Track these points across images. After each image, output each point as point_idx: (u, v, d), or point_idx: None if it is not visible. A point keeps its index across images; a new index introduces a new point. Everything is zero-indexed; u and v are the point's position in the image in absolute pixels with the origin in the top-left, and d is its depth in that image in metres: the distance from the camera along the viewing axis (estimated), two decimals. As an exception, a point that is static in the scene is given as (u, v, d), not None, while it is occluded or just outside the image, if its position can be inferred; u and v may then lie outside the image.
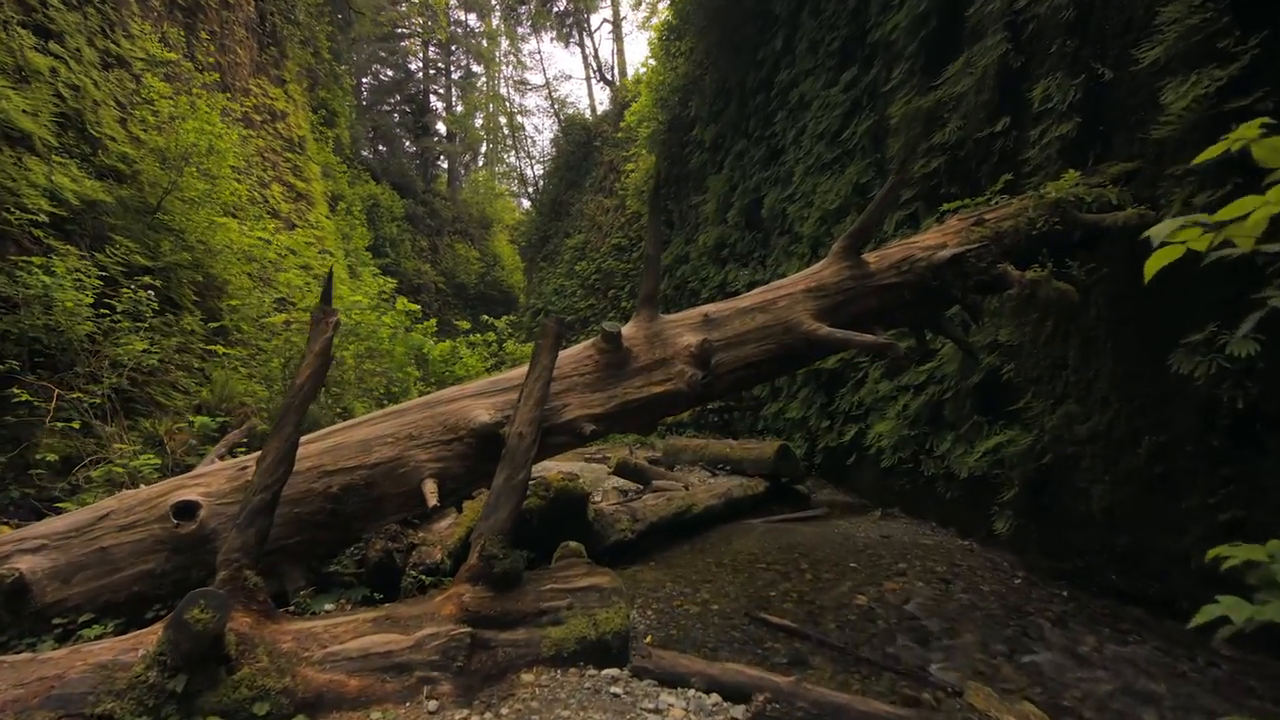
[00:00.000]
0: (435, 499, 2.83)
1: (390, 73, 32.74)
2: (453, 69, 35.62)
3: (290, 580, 2.76)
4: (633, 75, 24.92)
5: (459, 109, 35.39)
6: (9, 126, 5.57)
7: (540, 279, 25.21)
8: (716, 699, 2.52)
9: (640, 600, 3.87)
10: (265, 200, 11.97)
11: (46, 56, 6.41)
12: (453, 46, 34.92)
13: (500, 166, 38.85)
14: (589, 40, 31.78)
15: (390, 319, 8.98)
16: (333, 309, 2.73)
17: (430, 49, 34.09)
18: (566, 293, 21.68)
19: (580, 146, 25.01)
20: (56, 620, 2.54)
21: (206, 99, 8.75)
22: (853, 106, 8.31)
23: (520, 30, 35.21)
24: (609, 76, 30.09)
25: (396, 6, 30.74)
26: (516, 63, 37.46)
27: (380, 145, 31.06)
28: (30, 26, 6.35)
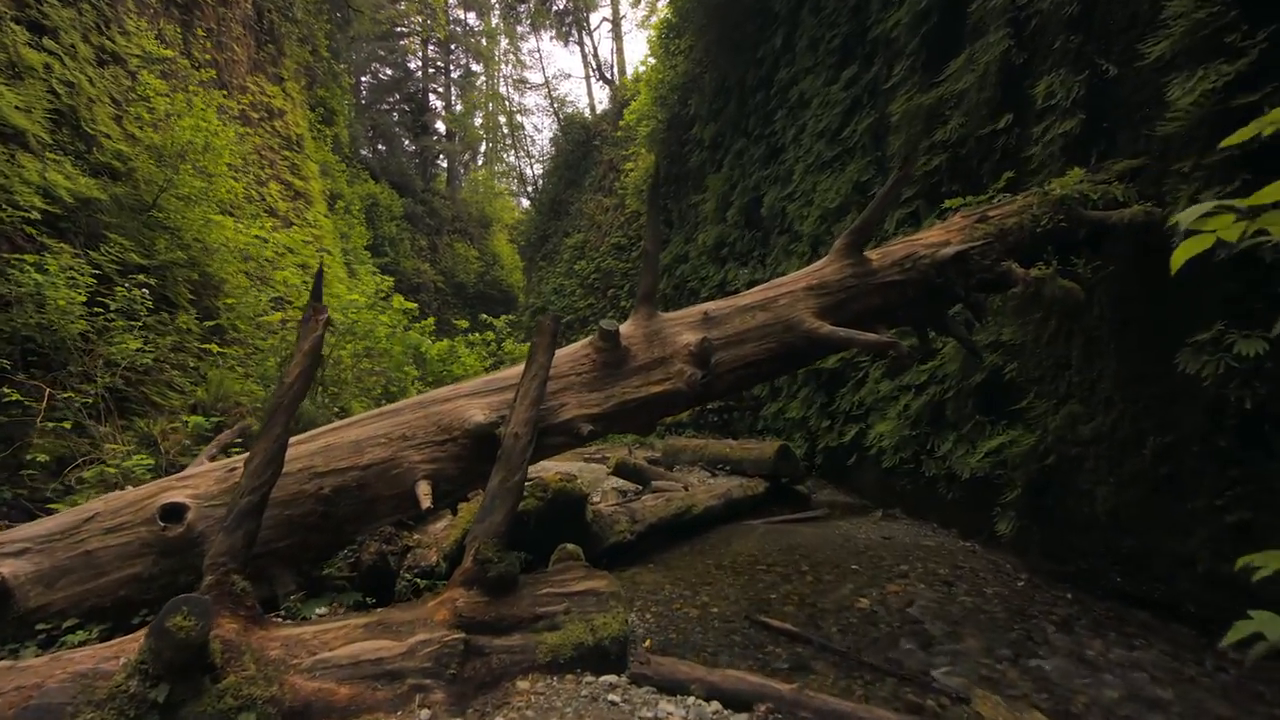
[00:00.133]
0: (429, 501, 2.77)
1: (389, 71, 32.67)
2: (452, 68, 35.57)
3: (280, 584, 2.70)
4: (632, 74, 24.84)
5: (458, 108, 35.33)
6: (2, 123, 5.51)
7: (539, 278, 25.13)
8: (717, 707, 2.46)
9: (639, 603, 3.82)
10: (262, 198, 11.91)
11: (40, 53, 6.35)
12: (452, 45, 34.86)
13: (499, 165, 38.83)
14: (588, 39, 31.67)
15: (387, 318, 8.91)
16: (323, 306, 2.67)
17: (429, 47, 34.04)
18: (566, 292, 21.60)
19: (579, 145, 24.89)
20: (40, 626, 2.48)
21: (203, 96, 8.69)
22: (853, 104, 8.25)
23: (519, 29, 35.14)
24: (608, 75, 30.00)
25: (395, 4, 30.66)
26: (516, 61, 37.44)
27: (379, 144, 30.99)
28: (24, 22, 6.29)
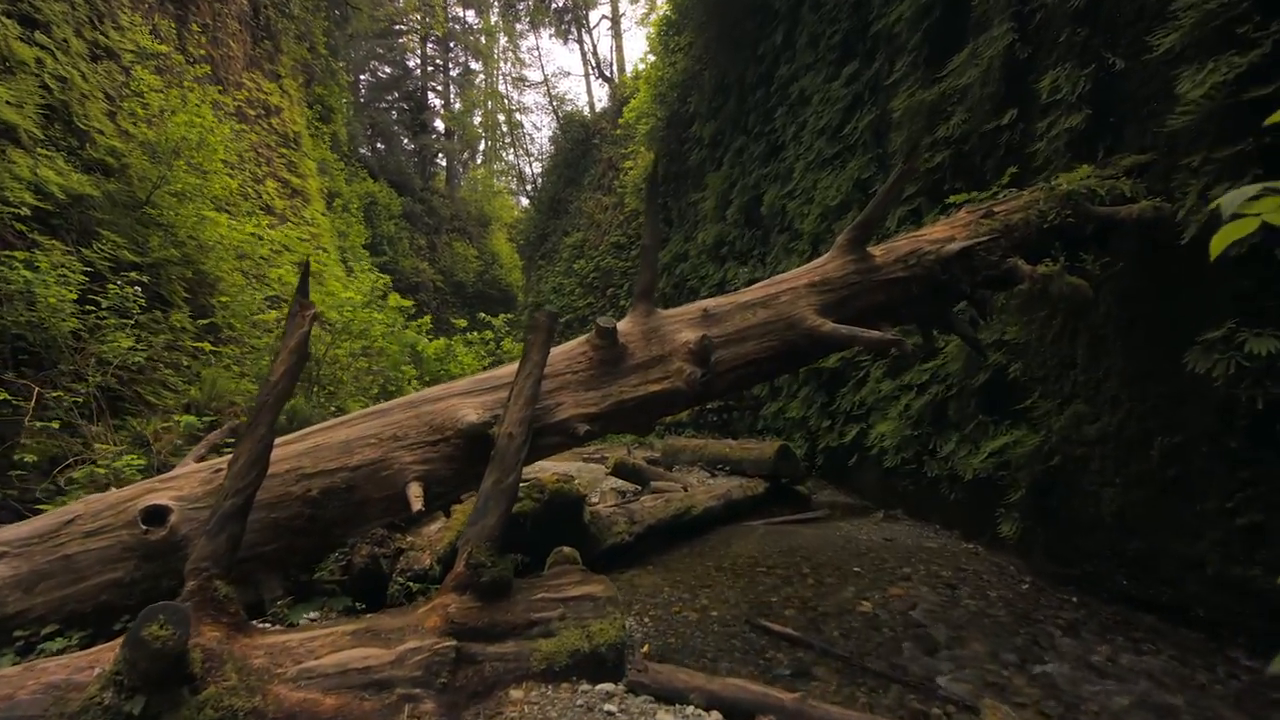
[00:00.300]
0: (420, 503, 2.69)
1: (388, 69, 32.54)
2: (451, 66, 35.43)
3: (267, 589, 2.62)
4: (631, 71, 24.74)
5: (457, 106, 35.20)
6: (-8, 118, 5.43)
7: (539, 277, 25.04)
8: (717, 717, 2.39)
9: (638, 606, 3.75)
10: (259, 196, 11.82)
11: (32, 47, 6.26)
12: (451, 43, 34.75)
13: (499, 164, 38.72)
14: (587, 36, 31.53)
15: (384, 316, 8.84)
16: (310, 302, 2.59)
17: (428, 45, 33.89)
18: (565, 291, 21.51)
19: (579, 144, 24.78)
20: (18, 633, 2.40)
21: (198, 92, 8.60)
22: (854, 101, 8.18)
23: (518, 26, 35.03)
24: (607, 73, 29.87)
25: (394, 2, 30.56)
26: (515, 59, 37.35)
27: (378, 142, 30.86)
28: (15, 16, 6.21)
